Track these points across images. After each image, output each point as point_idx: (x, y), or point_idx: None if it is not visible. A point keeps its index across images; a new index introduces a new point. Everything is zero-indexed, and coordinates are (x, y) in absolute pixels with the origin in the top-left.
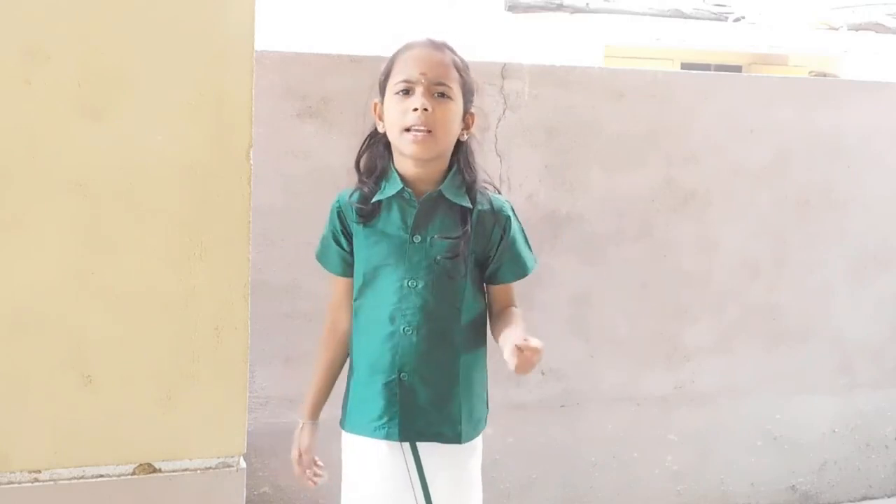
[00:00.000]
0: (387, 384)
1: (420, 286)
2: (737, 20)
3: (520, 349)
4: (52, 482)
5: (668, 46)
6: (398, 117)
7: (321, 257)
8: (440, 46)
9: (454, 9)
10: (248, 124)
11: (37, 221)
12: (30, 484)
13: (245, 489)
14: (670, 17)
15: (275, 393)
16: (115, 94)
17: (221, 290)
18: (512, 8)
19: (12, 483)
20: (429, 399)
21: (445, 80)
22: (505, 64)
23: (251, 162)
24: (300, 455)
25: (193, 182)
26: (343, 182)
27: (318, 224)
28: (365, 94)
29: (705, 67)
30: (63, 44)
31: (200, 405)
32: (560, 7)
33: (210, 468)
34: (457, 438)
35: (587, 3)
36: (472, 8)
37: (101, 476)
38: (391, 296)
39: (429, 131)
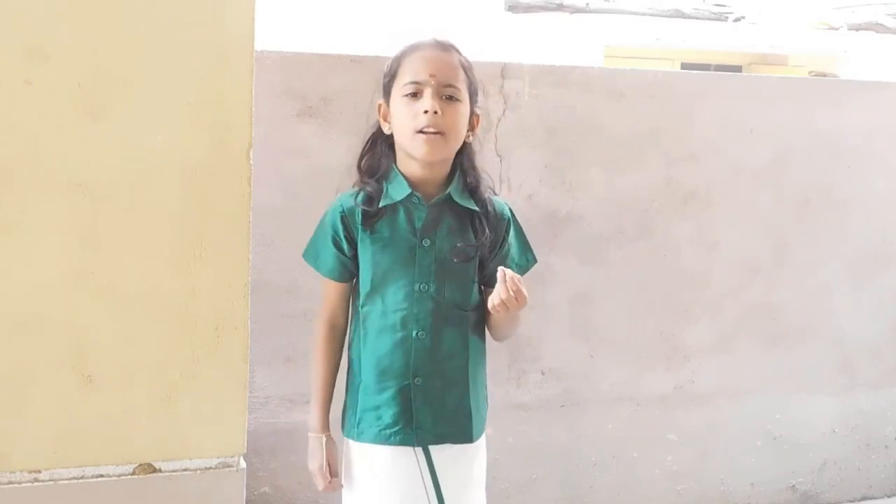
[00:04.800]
0: (400, 390)
1: (432, 290)
2: (737, 20)
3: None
4: (52, 482)
5: (668, 46)
6: (408, 120)
7: (314, 260)
8: (447, 47)
9: (454, 9)
10: (248, 124)
11: (37, 221)
12: (30, 484)
13: (245, 489)
14: (670, 17)
15: (275, 393)
16: (115, 94)
17: (221, 290)
18: (512, 8)
19: (12, 483)
20: (443, 402)
21: (454, 82)
22: (505, 64)
23: (251, 162)
24: (325, 467)
25: (193, 182)
26: (343, 182)
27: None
28: (365, 94)
29: (705, 67)
30: (63, 44)
31: (200, 405)
32: (560, 7)
33: (210, 468)
34: (469, 437)
35: (587, 3)
36: (472, 8)
37: (101, 476)
38: (402, 301)
39: (440, 133)
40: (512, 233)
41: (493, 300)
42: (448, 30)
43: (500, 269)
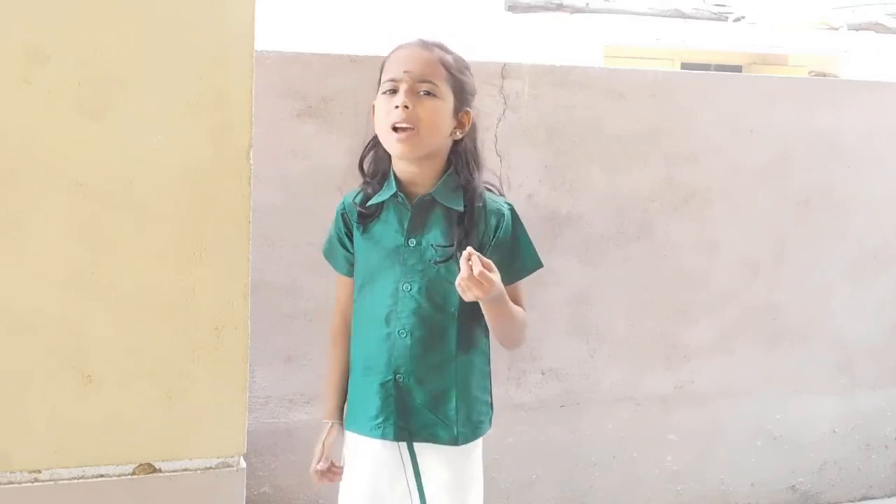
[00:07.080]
0: (382, 384)
1: (414, 290)
2: (737, 20)
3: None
4: (52, 482)
5: (668, 46)
6: (383, 116)
7: (328, 256)
8: (429, 45)
9: (454, 9)
10: (248, 124)
11: (37, 221)
12: (30, 484)
13: (245, 489)
14: (670, 17)
15: (275, 393)
16: (115, 94)
17: (221, 290)
18: (512, 8)
19: (12, 483)
20: (424, 400)
21: (431, 78)
22: (505, 64)
23: (251, 162)
24: (322, 454)
25: (193, 182)
26: (343, 182)
27: (319, 224)
28: (365, 94)
29: (705, 67)
30: (63, 44)
31: (200, 405)
32: (560, 7)
33: (210, 468)
34: (453, 441)
35: (587, 3)
36: (472, 8)
37: (101, 476)
38: (387, 298)
39: (412, 129)
40: (505, 233)
41: (458, 280)
42: (448, 30)
43: (467, 249)
